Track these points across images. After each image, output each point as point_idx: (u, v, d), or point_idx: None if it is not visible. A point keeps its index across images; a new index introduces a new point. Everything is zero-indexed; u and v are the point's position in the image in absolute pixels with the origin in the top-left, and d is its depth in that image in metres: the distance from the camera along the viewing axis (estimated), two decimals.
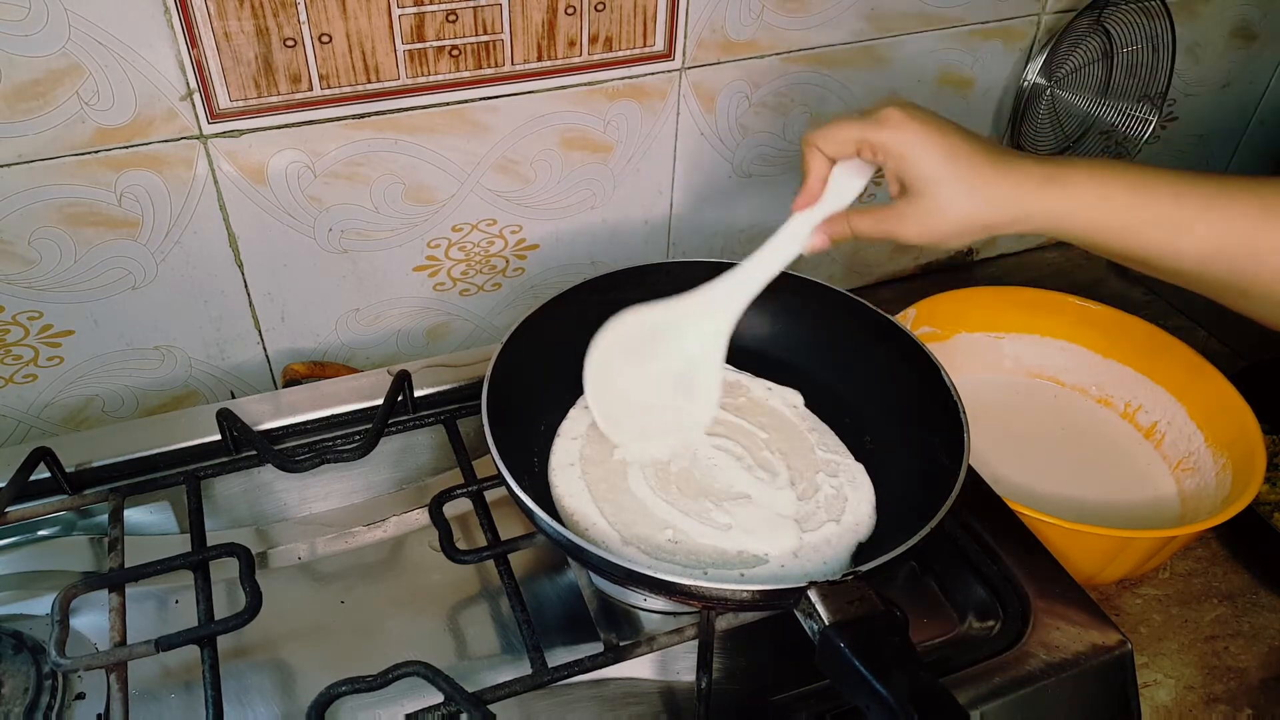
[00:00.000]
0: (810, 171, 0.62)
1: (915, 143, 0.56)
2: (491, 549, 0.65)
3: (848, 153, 0.60)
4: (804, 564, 0.62)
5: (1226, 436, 0.82)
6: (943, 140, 0.56)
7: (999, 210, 0.55)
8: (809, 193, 0.62)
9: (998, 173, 0.55)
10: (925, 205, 0.57)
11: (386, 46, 0.71)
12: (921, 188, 0.56)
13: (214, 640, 0.58)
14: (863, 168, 0.61)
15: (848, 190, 0.62)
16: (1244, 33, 1.08)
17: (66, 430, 0.82)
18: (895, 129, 0.56)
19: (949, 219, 0.56)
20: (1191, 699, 0.72)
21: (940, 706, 0.47)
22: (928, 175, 0.56)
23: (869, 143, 0.58)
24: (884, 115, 0.57)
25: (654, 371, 0.68)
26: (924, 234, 0.58)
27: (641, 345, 0.68)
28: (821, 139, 0.60)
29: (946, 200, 0.56)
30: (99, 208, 0.71)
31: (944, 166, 0.55)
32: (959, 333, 0.94)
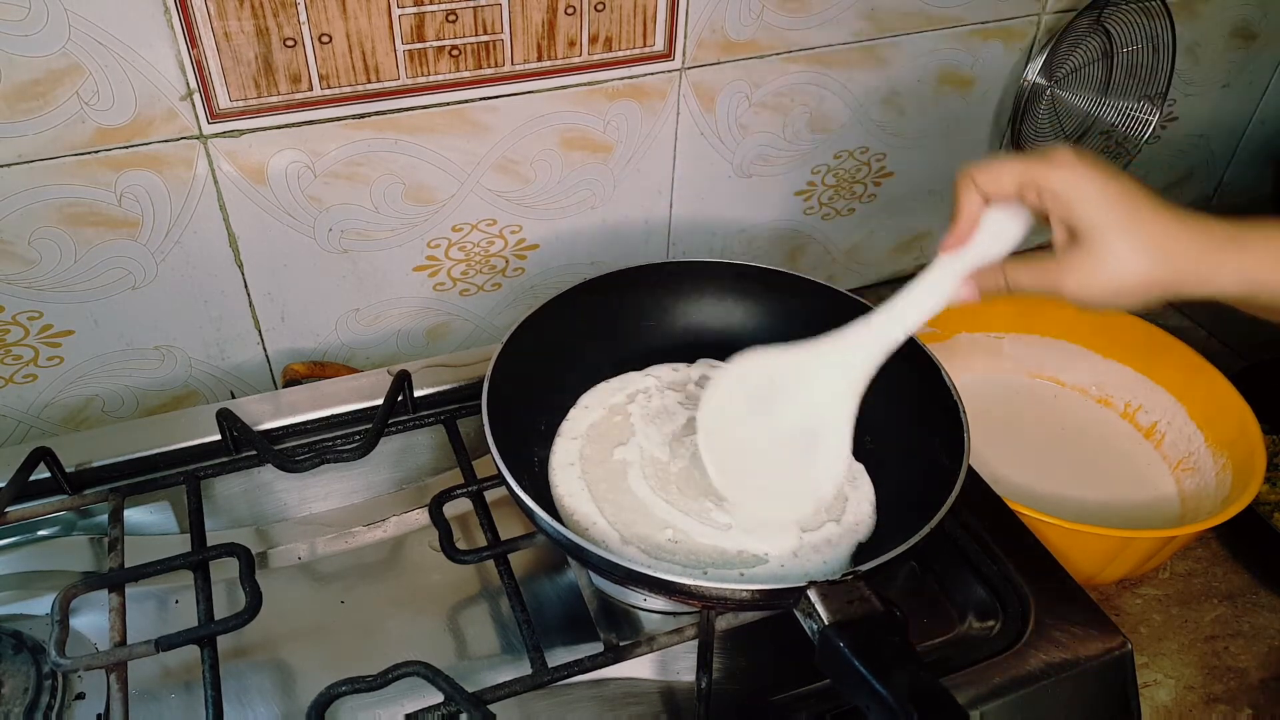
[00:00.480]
0: (962, 210, 0.56)
1: (1088, 186, 0.51)
2: (491, 549, 0.65)
3: (1008, 192, 0.54)
4: (804, 564, 0.62)
5: (1226, 436, 0.82)
6: (1118, 187, 0.51)
7: (1178, 270, 0.50)
8: (959, 234, 0.57)
9: (1178, 228, 0.50)
10: (1096, 257, 0.51)
11: (386, 46, 0.71)
12: (1093, 236, 0.51)
13: (214, 640, 0.58)
14: (1022, 214, 0.55)
15: (1005, 237, 0.56)
16: (1244, 33, 1.08)
17: (66, 430, 0.82)
18: (1067, 169, 0.52)
19: (1121, 274, 0.51)
20: (1191, 699, 0.72)
21: (940, 706, 0.47)
22: (1101, 223, 0.51)
23: (1035, 183, 0.53)
24: (1054, 154, 0.52)
25: (775, 424, 0.62)
26: (1091, 290, 0.52)
27: (764, 392, 0.62)
28: (981, 175, 0.55)
29: (1120, 253, 0.50)
30: (99, 208, 0.71)
31: (1119, 215, 0.51)
32: (959, 333, 0.94)
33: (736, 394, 0.63)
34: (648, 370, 0.76)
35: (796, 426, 0.62)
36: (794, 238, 1.01)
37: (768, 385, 0.63)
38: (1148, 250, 0.50)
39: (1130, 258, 0.51)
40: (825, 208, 1.00)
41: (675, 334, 0.78)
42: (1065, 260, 0.53)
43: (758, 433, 0.63)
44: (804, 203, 0.99)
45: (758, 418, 0.63)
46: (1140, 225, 0.51)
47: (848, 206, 1.01)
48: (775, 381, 0.62)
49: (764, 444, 0.63)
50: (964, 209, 0.56)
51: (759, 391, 0.63)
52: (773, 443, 0.63)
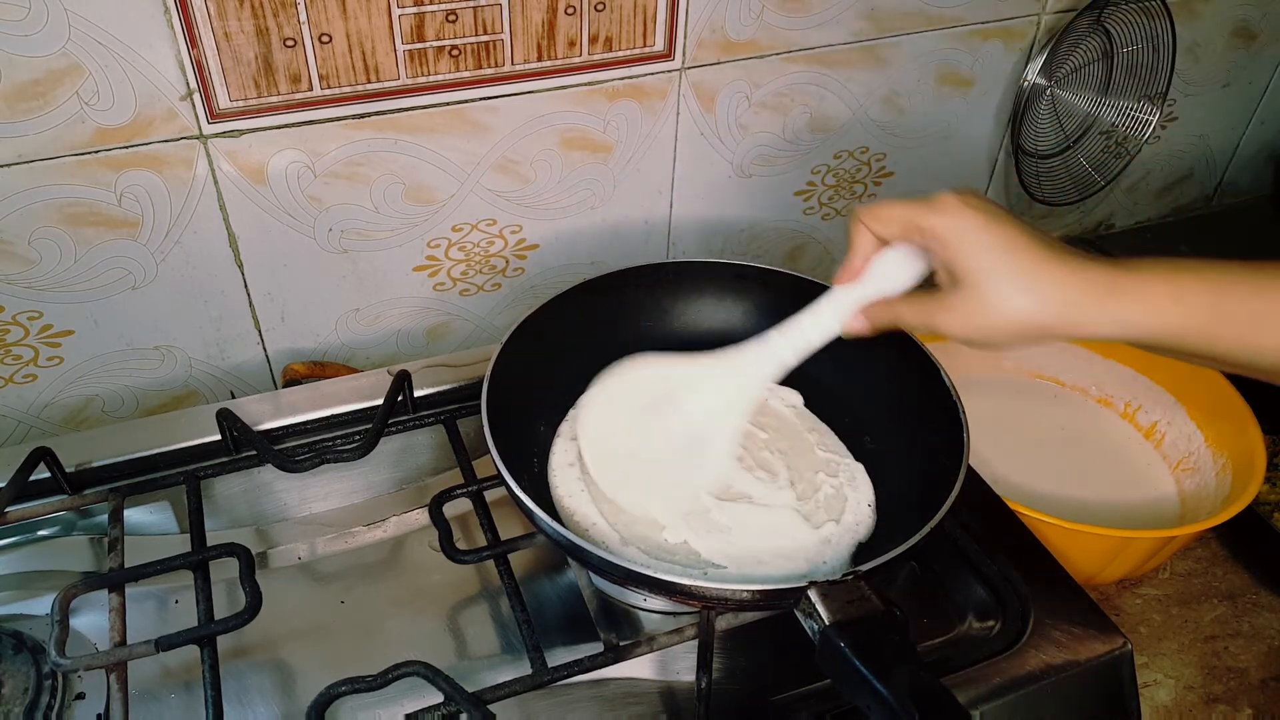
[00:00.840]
0: (853, 247, 0.59)
1: (967, 230, 0.52)
2: (491, 549, 0.65)
3: (894, 233, 0.56)
4: (803, 564, 0.62)
5: (1226, 436, 0.82)
6: (998, 230, 0.52)
7: (1059, 314, 0.51)
8: (849, 269, 0.59)
9: (1060, 272, 0.51)
10: (975, 299, 0.52)
11: (386, 46, 0.71)
12: (972, 280, 0.52)
13: (214, 640, 0.58)
14: (918, 256, 0.57)
15: (897, 277, 0.58)
16: (1244, 33, 1.08)
17: (66, 430, 0.82)
18: (947, 214, 0.53)
19: (1000, 316, 0.52)
20: (1191, 699, 0.72)
21: (941, 706, 0.47)
22: (978, 266, 0.52)
23: (917, 226, 0.54)
24: (938, 200, 0.54)
25: (660, 428, 0.64)
26: (970, 330, 0.53)
27: (651, 398, 0.64)
28: (868, 215, 0.57)
29: (999, 296, 0.52)
30: (99, 208, 0.71)
31: (997, 258, 0.52)
32: None
33: (622, 395, 0.65)
34: None
35: (681, 433, 0.64)
36: (794, 238, 1.01)
37: (658, 392, 0.64)
38: (1026, 294, 0.51)
39: (1009, 300, 0.51)
40: (825, 208, 1.00)
41: (675, 334, 0.78)
42: (945, 300, 0.54)
43: (642, 434, 0.65)
44: (804, 203, 0.99)
45: (644, 420, 0.65)
46: (1019, 268, 0.51)
47: (848, 206, 1.01)
48: (665, 389, 0.64)
49: (647, 444, 0.65)
50: (854, 246, 0.59)
51: (647, 397, 0.64)
52: (657, 444, 0.65)
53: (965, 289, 0.53)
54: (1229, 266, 0.50)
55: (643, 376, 0.65)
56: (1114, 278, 0.51)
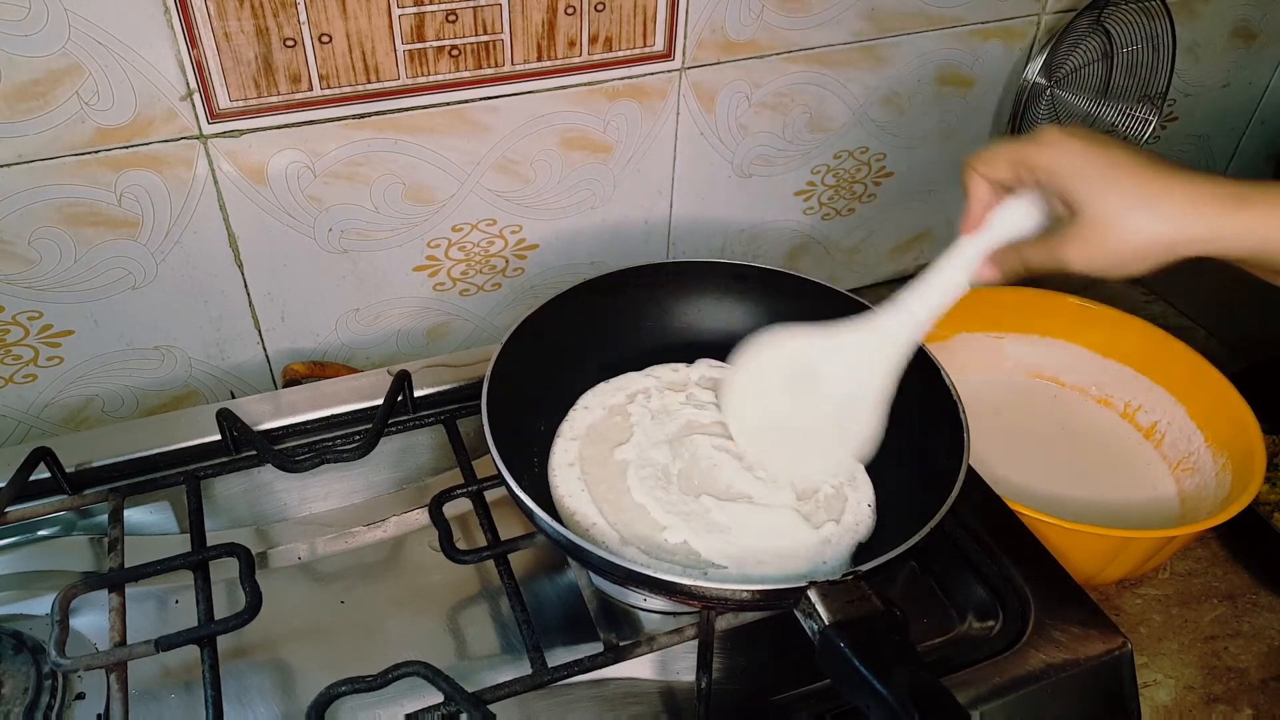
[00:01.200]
0: (970, 196, 0.59)
1: (1074, 157, 0.52)
2: (491, 549, 0.65)
3: (1004, 175, 0.56)
4: (803, 564, 0.62)
5: (1226, 436, 0.82)
6: (1104, 154, 0.52)
7: (1184, 228, 0.50)
8: (972, 219, 0.59)
9: (1178, 186, 0.50)
10: (1096, 225, 0.51)
11: (386, 46, 0.71)
12: (1088, 206, 0.52)
13: (214, 640, 0.58)
14: (1039, 202, 0.57)
15: (1021, 222, 0.57)
16: (1244, 33, 1.08)
17: (66, 430, 0.82)
18: (1053, 146, 0.53)
19: (1125, 238, 0.51)
20: (1191, 699, 0.72)
21: (941, 706, 0.47)
22: (1092, 191, 0.51)
23: (1026, 162, 0.54)
24: (1042, 134, 0.54)
25: (806, 400, 0.65)
26: (1098, 258, 0.52)
27: (793, 372, 0.65)
28: (978, 161, 0.57)
29: (1119, 217, 0.50)
30: (99, 208, 0.71)
31: (1111, 179, 0.51)
32: (959, 333, 0.94)
33: (768, 370, 0.66)
34: (647, 370, 0.76)
35: (828, 404, 0.65)
36: (794, 238, 1.01)
37: (800, 364, 0.65)
38: (1148, 211, 0.50)
39: (1130, 219, 0.50)
40: (825, 208, 1.00)
41: (675, 334, 0.78)
42: (1067, 234, 0.53)
43: (788, 407, 0.66)
44: (804, 203, 0.99)
45: (788, 394, 0.65)
46: (1135, 187, 0.51)
47: (848, 206, 1.01)
48: (808, 360, 0.65)
49: (794, 418, 0.66)
50: (971, 194, 0.58)
51: (791, 369, 0.65)
52: (803, 417, 0.66)
53: (1086, 218, 0.52)
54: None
55: (782, 351, 0.65)
56: (1239, 189, 0.49)
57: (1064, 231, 0.54)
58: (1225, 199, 0.49)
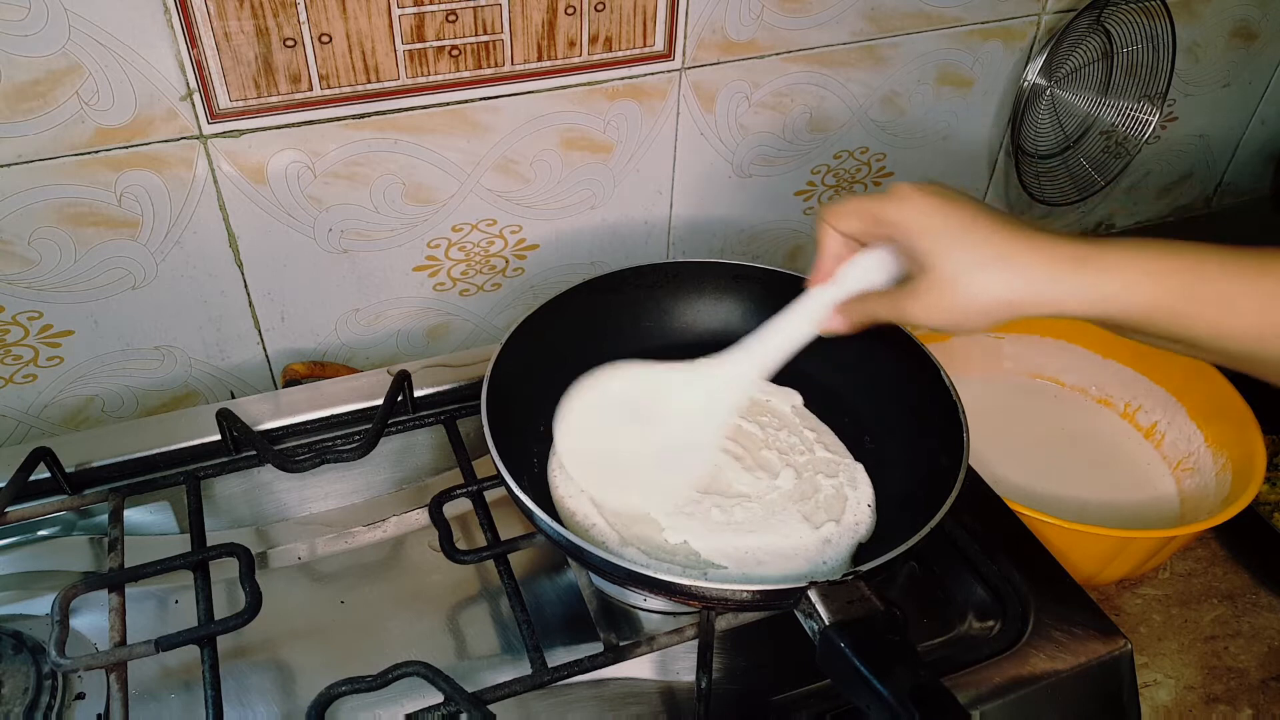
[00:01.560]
0: (821, 247, 0.59)
1: (925, 214, 0.53)
2: (491, 549, 0.65)
3: (856, 228, 0.57)
4: (803, 564, 0.62)
5: (1226, 436, 0.82)
6: (955, 211, 0.52)
7: (1027, 289, 0.50)
8: (820, 269, 0.60)
9: (1024, 247, 0.50)
10: (942, 283, 0.52)
11: (386, 46, 0.71)
12: (934, 262, 0.52)
13: (214, 640, 0.58)
14: (891, 257, 0.57)
15: (869, 275, 0.58)
16: (1244, 33, 1.08)
17: (66, 430, 0.82)
18: (903, 201, 0.53)
19: (969, 297, 0.52)
20: (1191, 699, 0.72)
21: (941, 706, 0.47)
22: (939, 248, 0.52)
23: (877, 216, 0.55)
24: (894, 190, 0.54)
25: (641, 433, 0.65)
26: (941, 314, 0.53)
27: (630, 405, 0.65)
28: (831, 214, 0.58)
29: (964, 276, 0.51)
30: (99, 208, 0.71)
31: (957, 238, 0.51)
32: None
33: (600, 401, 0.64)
34: None
35: (665, 438, 0.64)
36: (794, 238, 1.01)
37: (639, 397, 0.65)
38: (991, 270, 0.51)
39: (974, 278, 0.51)
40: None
41: (675, 334, 0.78)
42: (914, 288, 0.54)
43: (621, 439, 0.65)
44: (804, 203, 0.99)
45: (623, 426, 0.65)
46: (981, 246, 0.51)
47: None
48: (647, 395, 0.65)
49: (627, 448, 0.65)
50: (822, 245, 0.59)
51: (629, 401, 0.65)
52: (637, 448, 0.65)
53: (931, 274, 0.53)
54: (1201, 246, 0.50)
55: (620, 383, 0.65)
56: (1083, 252, 0.50)
57: (909, 287, 0.54)
58: (1066, 260, 0.50)
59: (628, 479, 0.65)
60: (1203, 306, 0.49)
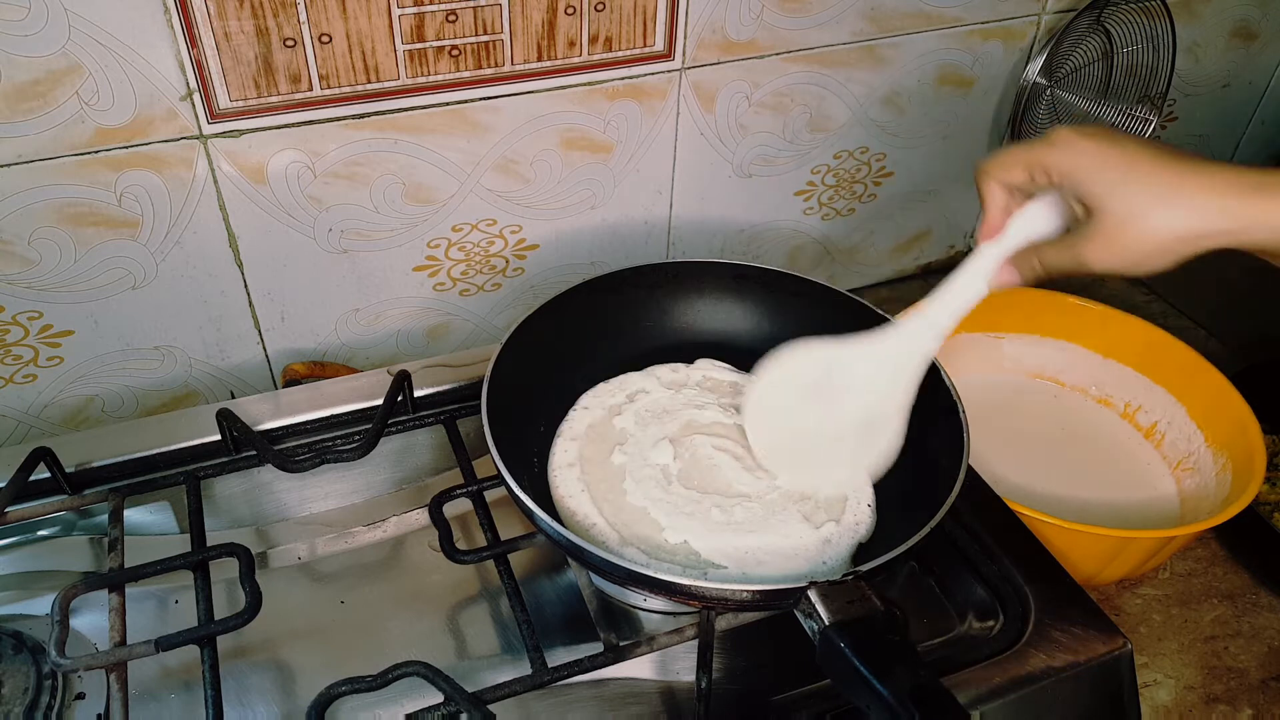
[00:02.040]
0: (986, 201, 0.58)
1: (1087, 155, 0.51)
2: (491, 549, 0.65)
3: (1019, 179, 0.56)
4: (804, 564, 0.62)
5: (1226, 436, 0.82)
6: (1119, 151, 0.51)
7: (1205, 220, 0.49)
8: (990, 224, 0.58)
9: (1196, 178, 0.49)
10: (1116, 224, 0.50)
11: (386, 46, 0.71)
12: (1107, 205, 0.51)
13: (214, 640, 0.58)
14: (1057, 205, 0.56)
15: (1038, 224, 0.57)
16: (1244, 33, 1.08)
17: (66, 430, 0.82)
18: (1064, 146, 0.52)
19: (1144, 233, 0.50)
20: (1191, 699, 0.72)
21: (941, 706, 0.47)
22: (1110, 190, 0.50)
23: (1039, 165, 0.54)
24: (1052, 135, 0.53)
25: (828, 409, 0.65)
26: (1119, 256, 0.51)
27: (814, 381, 0.65)
28: (993, 165, 0.57)
29: (1140, 214, 0.50)
30: (99, 208, 0.71)
31: (1128, 177, 0.50)
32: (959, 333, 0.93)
33: (786, 383, 0.65)
34: (647, 370, 0.76)
35: (850, 415, 0.65)
36: (794, 238, 1.01)
37: (821, 375, 0.65)
38: (1166, 204, 0.49)
39: (1148, 214, 0.50)
40: (825, 208, 1.00)
41: (675, 334, 0.78)
42: (1084, 233, 0.53)
43: (808, 418, 0.65)
44: (804, 203, 0.99)
45: (809, 405, 0.65)
46: (1151, 185, 0.50)
47: (848, 206, 1.01)
48: (829, 371, 0.65)
49: (814, 429, 0.66)
50: (986, 200, 0.58)
51: (812, 380, 0.65)
52: (824, 428, 0.66)
53: (1104, 216, 0.51)
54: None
55: (803, 361, 0.65)
56: (1258, 177, 0.48)
57: (1083, 231, 0.53)
58: (1245, 188, 0.48)
59: (819, 459, 0.66)
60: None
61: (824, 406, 0.65)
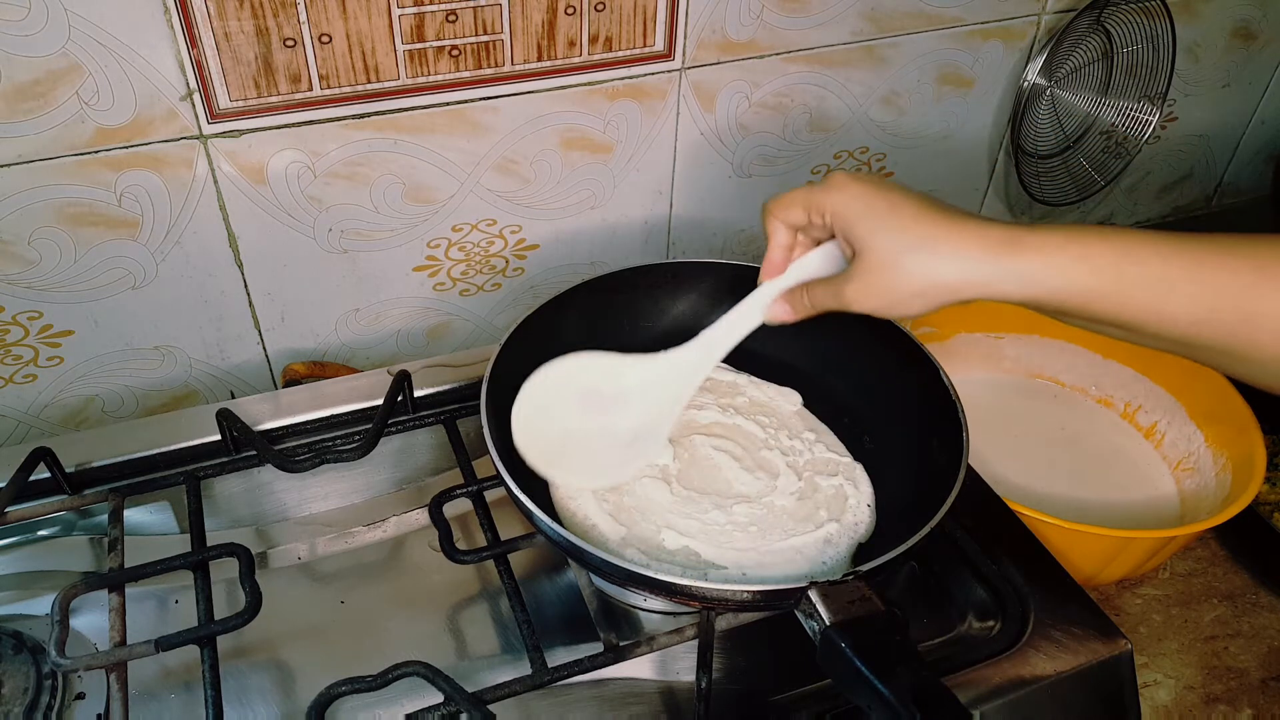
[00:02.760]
0: (770, 239, 0.61)
1: (857, 200, 0.54)
2: (491, 549, 0.65)
3: (799, 218, 0.58)
4: (804, 564, 0.62)
5: (1226, 436, 0.82)
6: (883, 197, 0.53)
7: (960, 273, 0.51)
8: (769, 262, 0.61)
9: (956, 231, 0.51)
10: (875, 266, 0.53)
11: (386, 46, 0.71)
12: (865, 245, 0.53)
13: (214, 640, 0.58)
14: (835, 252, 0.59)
15: (817, 268, 0.60)
16: (1244, 33, 1.08)
17: (66, 430, 0.82)
18: (836, 189, 0.55)
19: (902, 279, 0.52)
20: (1191, 699, 0.72)
21: (942, 706, 0.47)
22: (872, 233, 0.53)
23: (815, 206, 0.56)
24: (828, 179, 0.55)
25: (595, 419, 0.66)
26: (875, 297, 0.54)
27: (585, 390, 0.65)
28: (775, 205, 0.59)
29: (898, 258, 0.52)
30: (99, 208, 0.71)
31: (889, 222, 0.52)
32: (959, 333, 0.94)
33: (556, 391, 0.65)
34: None
35: (619, 426, 0.65)
36: None
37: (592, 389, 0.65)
38: (925, 253, 0.51)
39: (908, 262, 0.52)
40: None
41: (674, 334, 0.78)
42: (850, 274, 0.55)
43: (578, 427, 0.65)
44: None
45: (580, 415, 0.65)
46: (912, 229, 0.52)
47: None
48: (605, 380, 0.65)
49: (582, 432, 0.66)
50: (770, 238, 0.60)
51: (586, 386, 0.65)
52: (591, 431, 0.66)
53: (864, 258, 0.53)
54: (1133, 230, 0.50)
55: (576, 369, 0.65)
56: (1015, 235, 0.50)
57: (848, 272, 0.55)
58: (998, 243, 0.50)
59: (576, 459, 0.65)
60: (1136, 290, 0.48)
61: (594, 413, 0.66)
